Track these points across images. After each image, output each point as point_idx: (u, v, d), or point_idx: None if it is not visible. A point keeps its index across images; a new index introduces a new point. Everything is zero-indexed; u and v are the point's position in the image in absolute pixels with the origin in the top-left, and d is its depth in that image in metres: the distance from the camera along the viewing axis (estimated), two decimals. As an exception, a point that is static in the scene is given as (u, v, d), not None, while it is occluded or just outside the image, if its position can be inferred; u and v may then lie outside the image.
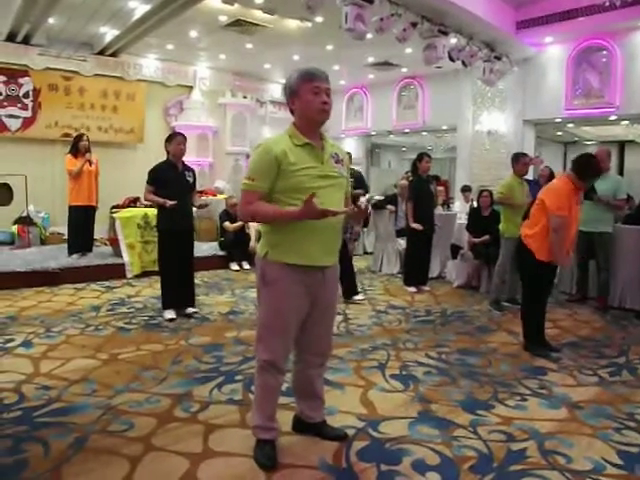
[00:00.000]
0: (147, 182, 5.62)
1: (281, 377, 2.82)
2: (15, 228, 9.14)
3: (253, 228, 8.99)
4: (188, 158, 12.37)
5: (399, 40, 8.10)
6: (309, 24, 9.13)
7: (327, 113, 2.67)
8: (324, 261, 2.69)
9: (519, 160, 6.36)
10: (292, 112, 2.73)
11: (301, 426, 3.03)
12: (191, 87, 12.61)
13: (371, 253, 9.63)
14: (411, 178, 7.64)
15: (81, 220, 7.89)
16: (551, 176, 7.34)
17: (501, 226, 6.38)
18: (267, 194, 2.61)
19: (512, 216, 6.03)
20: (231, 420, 3.19)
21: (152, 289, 6.94)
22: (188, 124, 12.27)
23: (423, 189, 7.21)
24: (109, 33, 10.07)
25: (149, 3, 8.26)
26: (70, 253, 7.85)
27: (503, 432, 3.12)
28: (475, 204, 8.85)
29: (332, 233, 2.70)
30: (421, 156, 7.27)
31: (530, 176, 8.03)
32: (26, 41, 10.08)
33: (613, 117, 10.12)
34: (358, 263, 9.57)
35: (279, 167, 2.55)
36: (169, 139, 5.81)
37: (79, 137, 7.96)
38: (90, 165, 7.82)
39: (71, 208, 7.87)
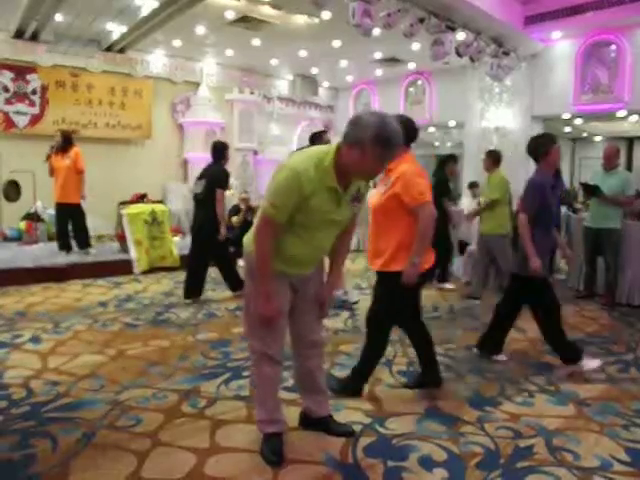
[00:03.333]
0: (223, 186, 6.14)
1: (278, 368, 2.82)
2: (23, 224, 9.18)
3: None
4: (196, 154, 12.48)
5: (406, 36, 8.07)
6: (316, 20, 9.11)
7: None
8: (310, 270, 2.79)
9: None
10: (341, 148, 2.53)
11: (308, 422, 3.04)
12: (198, 83, 12.59)
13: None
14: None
15: (58, 218, 8.10)
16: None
17: (486, 225, 6.56)
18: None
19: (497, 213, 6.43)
20: (238, 416, 3.20)
21: (159, 285, 6.96)
22: (195, 120, 12.29)
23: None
24: (116, 30, 10.06)
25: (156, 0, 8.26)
26: (60, 249, 8.05)
27: (510, 428, 3.11)
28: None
29: (322, 252, 2.80)
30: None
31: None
32: (34, 38, 10.09)
33: (622, 113, 10.06)
34: (365, 259, 9.56)
35: (300, 202, 2.49)
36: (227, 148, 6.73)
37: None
38: (48, 159, 8.04)
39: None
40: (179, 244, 8.74)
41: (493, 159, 6.72)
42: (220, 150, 6.48)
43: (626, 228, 6.37)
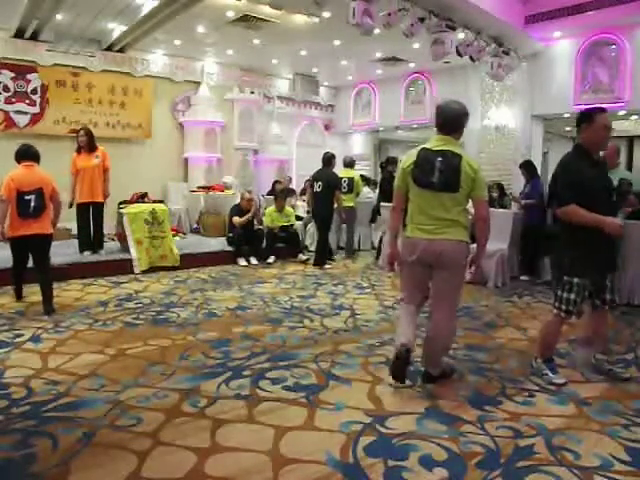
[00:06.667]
0: (339, 187, 9.01)
1: None
2: (23, 224, 9.17)
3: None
4: (196, 154, 12.49)
5: (407, 35, 8.07)
6: (316, 19, 9.11)
7: None
8: None
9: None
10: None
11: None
12: (199, 83, 12.61)
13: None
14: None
15: (85, 217, 7.88)
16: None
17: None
18: None
19: None
20: (238, 415, 3.19)
21: (159, 284, 6.96)
22: (196, 119, 12.30)
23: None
24: (117, 29, 10.09)
25: (156, -1, 8.27)
26: (80, 251, 7.86)
27: (511, 428, 3.11)
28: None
29: None
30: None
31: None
32: (34, 37, 10.11)
33: (622, 112, 10.06)
34: (366, 259, 9.57)
35: None
36: (334, 157, 9.26)
37: (76, 133, 8.10)
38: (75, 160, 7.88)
39: (77, 205, 7.86)
40: (180, 244, 8.75)
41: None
42: (329, 159, 8.88)
43: (626, 228, 6.35)
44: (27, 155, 5.75)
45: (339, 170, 9.70)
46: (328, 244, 9.01)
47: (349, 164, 10.08)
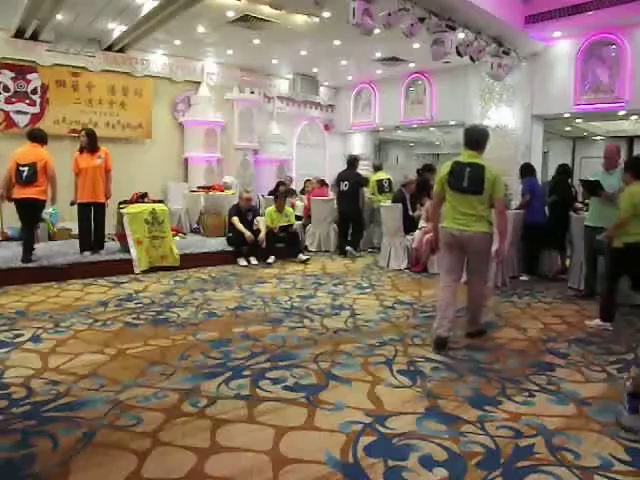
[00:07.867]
0: (364, 185, 10.19)
1: None
2: (24, 224, 9.18)
3: (262, 223, 9.00)
4: (196, 154, 12.50)
5: (407, 35, 8.07)
6: (317, 19, 9.11)
7: None
8: None
9: None
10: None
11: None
12: (199, 82, 12.61)
13: (379, 248, 9.62)
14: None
15: (86, 217, 7.88)
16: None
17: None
18: None
19: None
20: (238, 415, 3.19)
21: (159, 284, 6.96)
22: (196, 120, 12.30)
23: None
24: (117, 29, 10.08)
25: (156, -1, 8.27)
26: (81, 251, 7.86)
27: (510, 428, 3.11)
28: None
29: None
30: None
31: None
32: (34, 37, 10.11)
33: (622, 112, 10.06)
34: (366, 259, 9.57)
35: None
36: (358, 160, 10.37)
37: (78, 133, 8.34)
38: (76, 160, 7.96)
39: (78, 205, 7.89)
40: (180, 244, 8.74)
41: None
42: (353, 161, 9.97)
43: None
44: (31, 137, 7.46)
45: (374, 173, 10.96)
46: (362, 235, 10.24)
47: (379, 166, 11.29)
